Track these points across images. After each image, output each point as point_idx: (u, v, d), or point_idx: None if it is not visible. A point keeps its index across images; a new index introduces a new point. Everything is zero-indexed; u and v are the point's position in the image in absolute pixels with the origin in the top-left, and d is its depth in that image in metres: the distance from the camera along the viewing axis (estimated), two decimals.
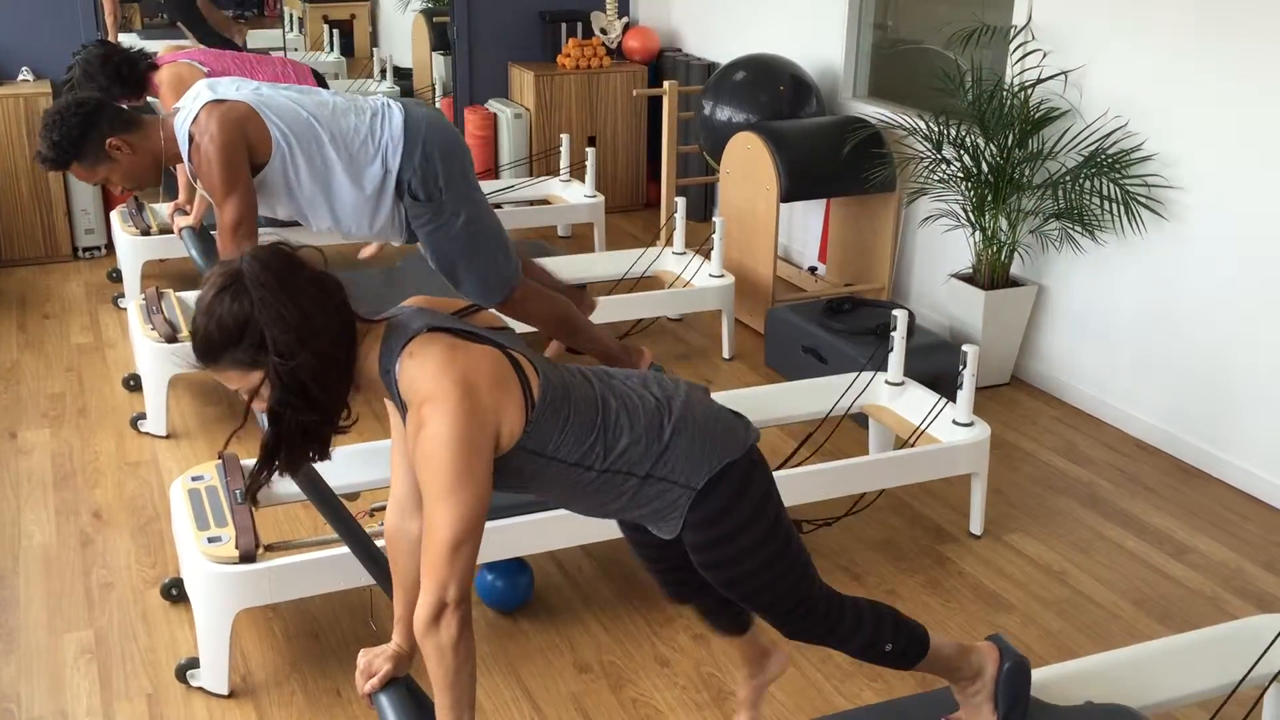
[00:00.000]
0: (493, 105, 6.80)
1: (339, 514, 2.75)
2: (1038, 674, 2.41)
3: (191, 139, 3.02)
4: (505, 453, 1.78)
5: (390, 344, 1.76)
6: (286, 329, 1.66)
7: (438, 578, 1.70)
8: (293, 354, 1.67)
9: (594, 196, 5.87)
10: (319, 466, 2.82)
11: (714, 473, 1.90)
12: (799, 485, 3.24)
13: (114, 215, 5.33)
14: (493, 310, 2.15)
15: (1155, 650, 2.60)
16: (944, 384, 3.78)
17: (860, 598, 2.16)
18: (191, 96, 3.11)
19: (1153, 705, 2.43)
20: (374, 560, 2.75)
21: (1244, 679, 2.40)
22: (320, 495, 2.74)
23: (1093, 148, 4.19)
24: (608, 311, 4.57)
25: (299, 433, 1.74)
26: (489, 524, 2.90)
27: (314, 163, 3.14)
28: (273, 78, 4.47)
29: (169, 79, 4.22)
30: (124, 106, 3.11)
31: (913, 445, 3.50)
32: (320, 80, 4.81)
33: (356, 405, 1.85)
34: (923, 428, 3.49)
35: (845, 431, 3.91)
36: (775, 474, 2.12)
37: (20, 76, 5.86)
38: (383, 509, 3.23)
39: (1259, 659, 2.43)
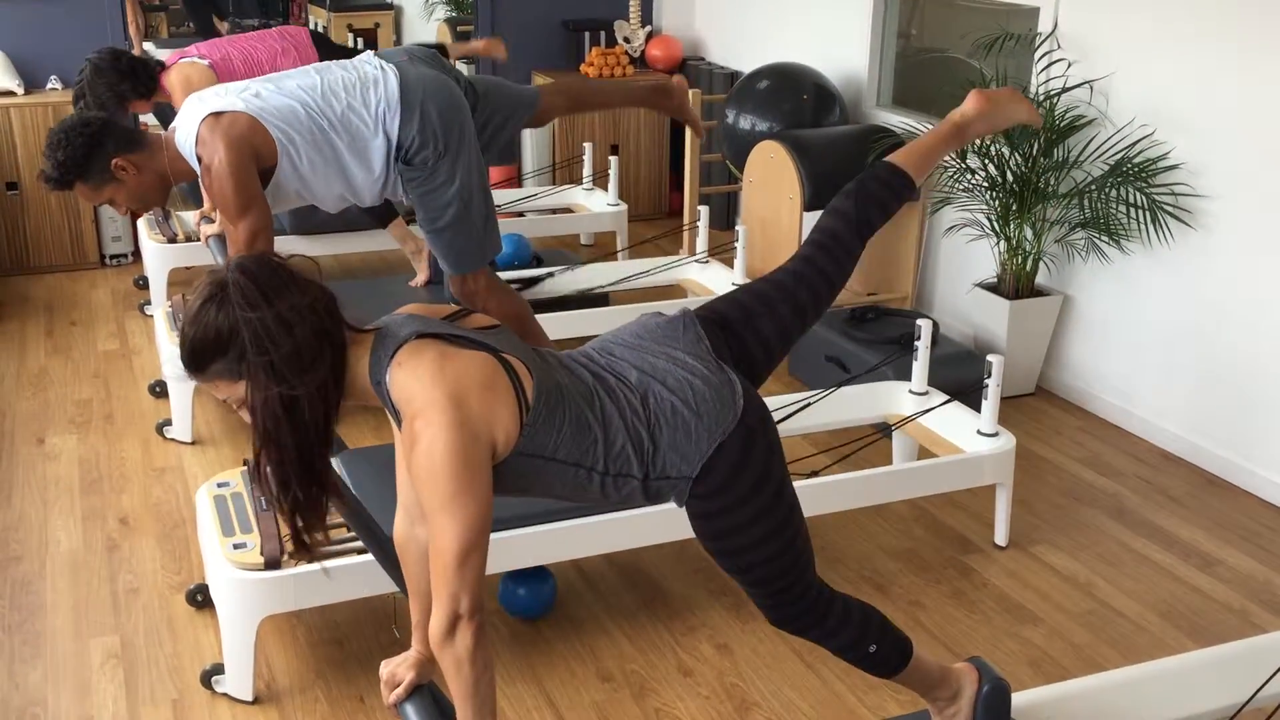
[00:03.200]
0: None
1: (363, 520, 2.76)
2: (1061, 686, 2.39)
3: (200, 159, 3.01)
4: (503, 459, 1.77)
5: (379, 354, 1.75)
6: (269, 341, 1.65)
7: (448, 590, 1.70)
8: (273, 367, 1.66)
9: (617, 205, 5.87)
10: (341, 470, 2.84)
11: (706, 457, 1.87)
12: (822, 495, 3.22)
13: (141, 223, 5.36)
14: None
15: (1125, 677, 2.54)
16: (968, 394, 3.76)
17: (851, 597, 2.12)
18: (184, 112, 3.05)
19: None
20: (399, 568, 2.76)
21: (1253, 695, 2.36)
22: (344, 502, 2.75)
23: (1119, 156, 4.16)
24: (629, 319, 4.57)
25: (295, 458, 1.72)
26: (511, 533, 2.93)
27: (323, 152, 3.11)
28: (271, 56, 4.41)
29: (179, 81, 4.20)
30: (129, 126, 3.07)
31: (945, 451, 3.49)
32: (319, 39, 4.65)
33: (378, 409, 1.84)
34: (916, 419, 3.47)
35: (867, 441, 3.89)
36: (798, 484, 2.10)
37: (49, 85, 5.92)
38: None
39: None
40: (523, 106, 3.51)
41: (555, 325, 3.93)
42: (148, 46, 6.88)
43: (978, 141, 4.44)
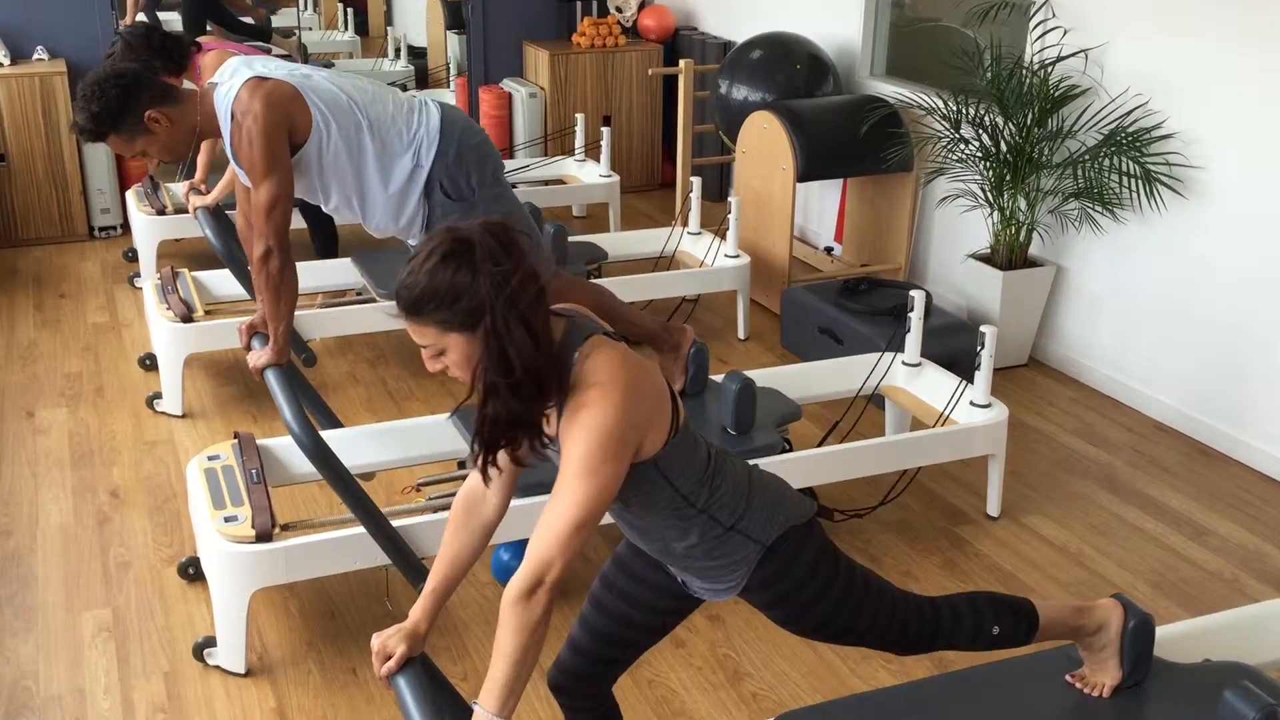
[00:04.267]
0: (507, 84, 6.78)
1: (355, 494, 2.75)
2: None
3: (234, 117, 2.98)
4: (637, 463, 1.85)
5: (573, 336, 1.83)
6: (510, 305, 1.73)
7: (546, 555, 1.73)
8: (509, 330, 1.73)
9: (609, 176, 5.85)
10: (335, 445, 2.83)
11: (782, 531, 1.98)
12: (815, 467, 3.22)
13: (130, 195, 5.33)
14: None
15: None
16: (961, 365, 3.75)
17: (952, 596, 2.19)
18: (229, 72, 3.05)
19: (1271, 663, 2.42)
20: (390, 540, 2.76)
21: None
22: (336, 475, 2.75)
23: (1113, 126, 4.15)
24: (622, 291, 4.56)
25: (506, 418, 1.78)
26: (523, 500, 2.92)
27: (350, 148, 3.10)
28: None
29: (213, 63, 4.18)
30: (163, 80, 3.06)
31: (942, 424, 3.48)
32: None
33: (372, 385, 1.84)
34: (946, 413, 3.46)
35: (859, 411, 3.89)
36: (790, 455, 2.11)
37: (35, 56, 5.86)
38: (430, 483, 3.23)
39: None
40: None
41: None
42: (165, 17, 6.86)
43: (971, 111, 4.42)
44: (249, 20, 7.05)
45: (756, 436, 3.22)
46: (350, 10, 7.67)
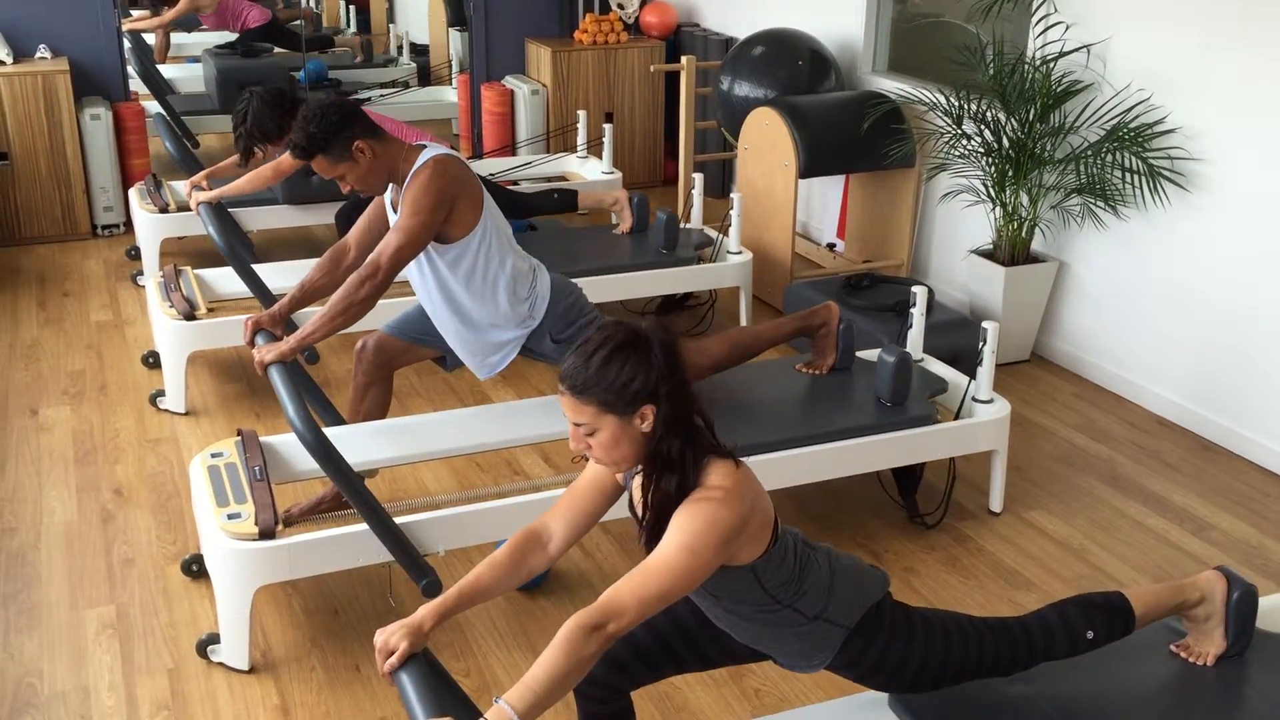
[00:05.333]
0: (509, 81, 6.77)
1: (358, 490, 2.76)
2: None
3: (426, 165, 3.10)
4: (733, 565, 1.97)
5: (702, 440, 1.95)
6: (671, 402, 1.90)
7: (622, 604, 1.80)
8: (674, 402, 1.91)
9: (611, 173, 5.84)
10: (338, 442, 2.83)
11: (864, 611, 2.09)
12: (818, 462, 3.22)
13: (132, 193, 5.34)
14: None
15: None
16: (964, 361, 3.75)
17: (1041, 610, 2.23)
18: (438, 145, 3.23)
19: None
20: (393, 537, 2.76)
21: None
22: (339, 471, 2.75)
23: (1115, 121, 4.14)
24: (627, 289, 4.57)
25: (671, 493, 1.92)
26: (510, 501, 2.93)
27: (490, 261, 3.20)
28: (403, 131, 4.51)
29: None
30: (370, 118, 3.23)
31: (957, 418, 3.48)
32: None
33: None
34: (959, 412, 3.45)
35: None
36: (793, 453, 2.12)
37: (38, 54, 5.86)
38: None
39: None
40: None
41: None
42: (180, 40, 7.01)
43: (973, 106, 4.42)
44: (296, 24, 7.15)
45: (911, 407, 3.36)
46: (353, 7, 7.67)
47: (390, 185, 3.20)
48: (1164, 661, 2.34)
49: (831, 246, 5.60)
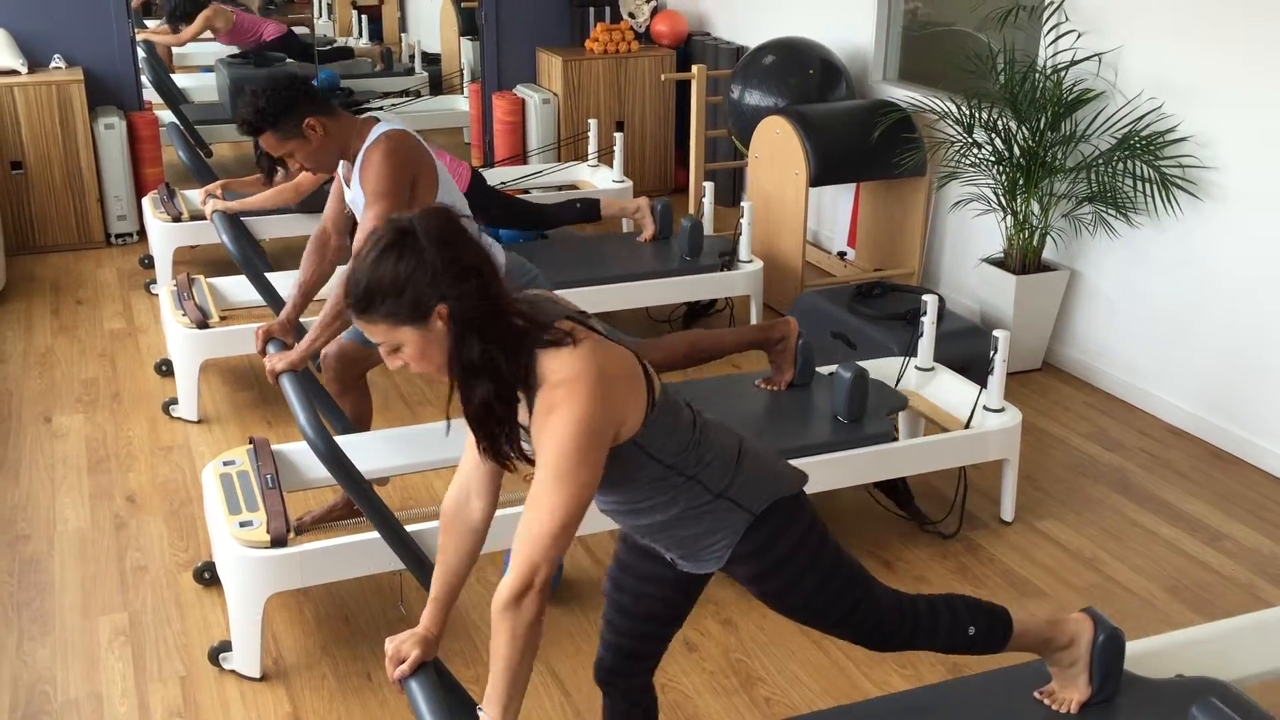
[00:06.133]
0: (521, 90, 6.79)
1: (369, 498, 2.76)
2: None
3: (379, 141, 3.06)
4: (617, 445, 1.82)
5: (533, 327, 1.78)
6: (463, 275, 1.70)
7: (531, 559, 1.72)
8: (465, 296, 1.70)
9: (622, 181, 5.85)
10: (349, 450, 2.84)
11: (771, 502, 1.97)
12: (829, 471, 3.22)
13: (146, 201, 5.36)
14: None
15: (1245, 624, 2.56)
16: (975, 370, 3.75)
17: (930, 595, 2.18)
18: (389, 121, 3.18)
19: (1244, 679, 2.39)
20: (404, 544, 2.77)
21: None
22: (350, 479, 2.76)
23: (1127, 129, 4.14)
24: (638, 297, 4.57)
25: (489, 401, 1.75)
26: (520, 509, 2.92)
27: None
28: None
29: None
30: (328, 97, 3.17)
31: (967, 427, 3.48)
32: (478, 178, 4.84)
33: (386, 390, 1.85)
34: (969, 420, 3.43)
35: None
36: (804, 460, 2.10)
37: (53, 64, 5.91)
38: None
39: None
40: None
41: None
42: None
43: (984, 115, 4.42)
44: (303, 32, 7.21)
45: (868, 425, 3.30)
46: (365, 17, 7.71)
47: (341, 161, 3.14)
48: (1026, 708, 2.23)
49: (842, 255, 5.59)
